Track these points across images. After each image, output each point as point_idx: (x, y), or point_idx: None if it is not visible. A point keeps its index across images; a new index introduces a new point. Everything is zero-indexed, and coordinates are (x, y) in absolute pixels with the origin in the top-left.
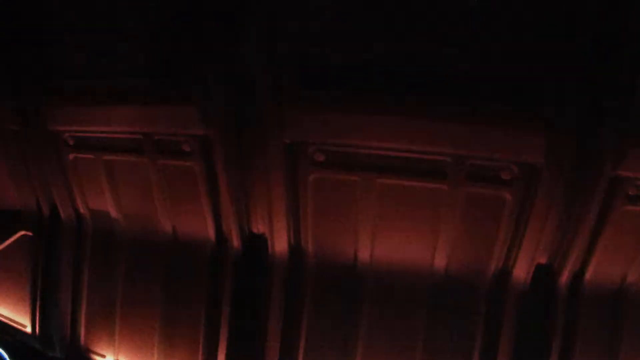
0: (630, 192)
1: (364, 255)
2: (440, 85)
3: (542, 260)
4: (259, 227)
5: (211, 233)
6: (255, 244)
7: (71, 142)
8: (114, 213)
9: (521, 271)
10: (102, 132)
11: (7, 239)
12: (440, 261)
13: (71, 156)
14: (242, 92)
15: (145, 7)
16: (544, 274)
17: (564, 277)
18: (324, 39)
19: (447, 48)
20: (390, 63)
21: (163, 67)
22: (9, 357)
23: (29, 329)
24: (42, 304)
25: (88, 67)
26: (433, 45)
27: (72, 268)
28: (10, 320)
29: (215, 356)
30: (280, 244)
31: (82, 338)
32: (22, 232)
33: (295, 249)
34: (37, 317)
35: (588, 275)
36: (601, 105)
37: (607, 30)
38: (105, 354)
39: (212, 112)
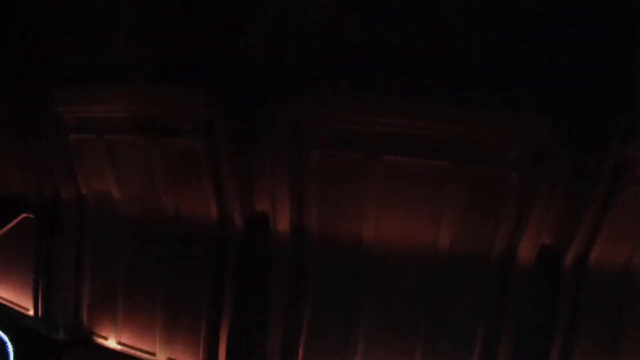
0: (635, 174)
1: (367, 234)
2: (446, 68)
3: (548, 240)
4: (262, 206)
5: (213, 212)
6: (258, 222)
7: (72, 123)
8: (115, 193)
9: (526, 251)
10: (103, 112)
11: (9, 222)
12: (444, 240)
13: (72, 137)
14: (245, 70)
15: None
16: (549, 255)
17: (569, 258)
18: (324, 25)
19: (456, 32)
20: (395, 46)
21: (166, 45)
22: (10, 341)
23: (31, 312)
24: (45, 286)
25: (89, 47)
26: (440, 33)
27: (74, 250)
28: (13, 303)
29: (218, 337)
30: (282, 223)
31: (85, 320)
32: (24, 215)
33: (298, 228)
34: (40, 300)
35: (593, 256)
36: (609, 90)
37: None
38: (107, 336)
39: (214, 90)
